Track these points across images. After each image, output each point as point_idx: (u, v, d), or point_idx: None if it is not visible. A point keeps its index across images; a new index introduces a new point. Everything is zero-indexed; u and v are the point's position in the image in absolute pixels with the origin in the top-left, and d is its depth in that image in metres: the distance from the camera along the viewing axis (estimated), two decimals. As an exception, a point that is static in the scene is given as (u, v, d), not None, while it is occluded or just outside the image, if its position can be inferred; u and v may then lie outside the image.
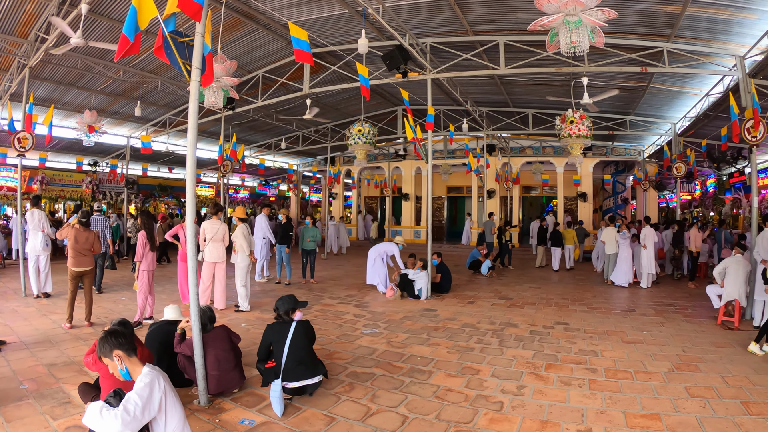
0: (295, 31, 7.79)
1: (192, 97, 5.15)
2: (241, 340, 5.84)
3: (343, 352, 6.89)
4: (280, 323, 5.38)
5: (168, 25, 4.94)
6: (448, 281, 11.92)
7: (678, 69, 10.73)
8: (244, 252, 9.71)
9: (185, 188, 5.36)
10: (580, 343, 7.57)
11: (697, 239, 13.22)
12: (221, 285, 9.58)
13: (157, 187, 27.80)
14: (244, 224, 9.94)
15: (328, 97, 17.86)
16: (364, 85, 9.57)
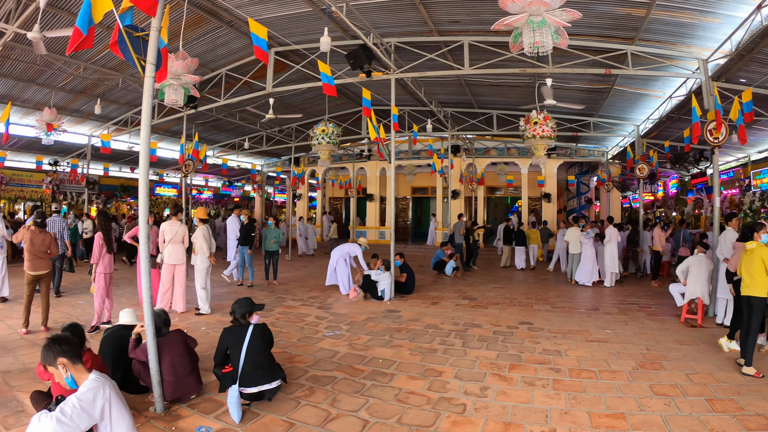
0: (255, 28, 7.55)
1: (146, 94, 4.95)
2: (200, 344, 5.61)
3: (304, 356, 6.66)
4: (237, 327, 5.16)
5: (124, 19, 4.73)
6: (412, 282, 11.78)
7: (641, 71, 10.81)
8: (204, 254, 9.40)
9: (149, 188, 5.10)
10: (544, 342, 7.48)
11: (660, 238, 13.35)
12: (181, 288, 9.30)
13: (120, 188, 27.08)
14: (204, 225, 9.63)
15: (292, 97, 17.59)
16: (327, 83, 9.36)
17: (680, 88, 13.27)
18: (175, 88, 8.90)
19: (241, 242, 12.29)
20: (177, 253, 9.17)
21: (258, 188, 29.67)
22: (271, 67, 12.55)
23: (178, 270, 9.24)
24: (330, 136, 12.98)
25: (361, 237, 12.26)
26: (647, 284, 13.61)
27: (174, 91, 8.96)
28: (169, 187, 30.62)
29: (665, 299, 10.91)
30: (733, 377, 5.96)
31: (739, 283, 6.68)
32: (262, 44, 7.52)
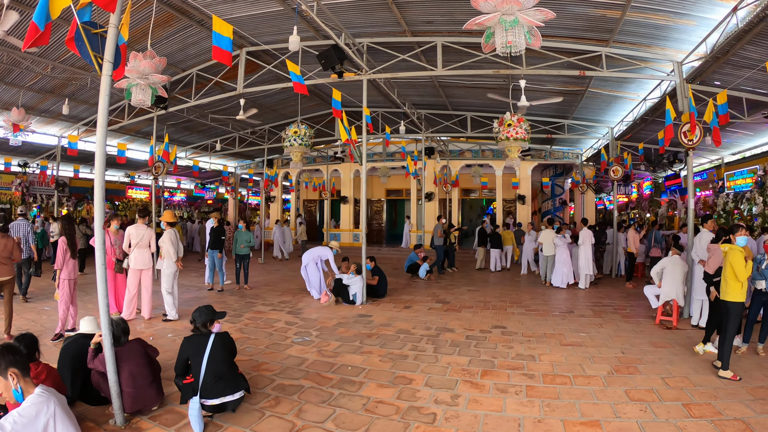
0: (219, 26, 7.17)
1: (102, 93, 4.74)
2: (166, 352, 5.38)
3: (271, 363, 6.40)
4: (198, 336, 4.92)
5: (83, 15, 4.62)
6: (384, 285, 11.56)
7: (616, 73, 10.78)
8: (171, 258, 9.09)
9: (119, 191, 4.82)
10: (518, 347, 7.32)
11: (634, 240, 13.33)
12: (148, 293, 8.99)
13: (91, 190, 26.40)
14: (171, 229, 9.32)
15: (265, 98, 17.28)
16: (298, 82, 9.13)
17: (654, 90, 13.27)
18: (143, 88, 8.60)
19: (211, 246, 12.00)
20: (143, 257, 8.90)
21: (231, 190, 29.24)
22: (242, 67, 12.31)
23: (144, 275, 8.95)
24: (302, 138, 12.76)
25: (333, 240, 12.00)
26: (622, 286, 13.57)
27: (141, 91, 8.65)
28: (141, 190, 30.02)
29: (640, 301, 10.89)
30: (710, 380, 5.87)
31: (719, 284, 6.62)
32: (224, 43, 7.17)
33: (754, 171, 14.96)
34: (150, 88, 8.73)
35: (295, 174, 26.69)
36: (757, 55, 9.63)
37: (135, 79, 7.98)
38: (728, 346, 6.06)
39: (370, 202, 27.00)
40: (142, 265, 8.86)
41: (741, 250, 6.27)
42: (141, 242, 8.84)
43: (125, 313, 8.71)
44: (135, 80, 8.00)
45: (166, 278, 9.04)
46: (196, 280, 13.72)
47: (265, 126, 20.96)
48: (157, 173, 15.35)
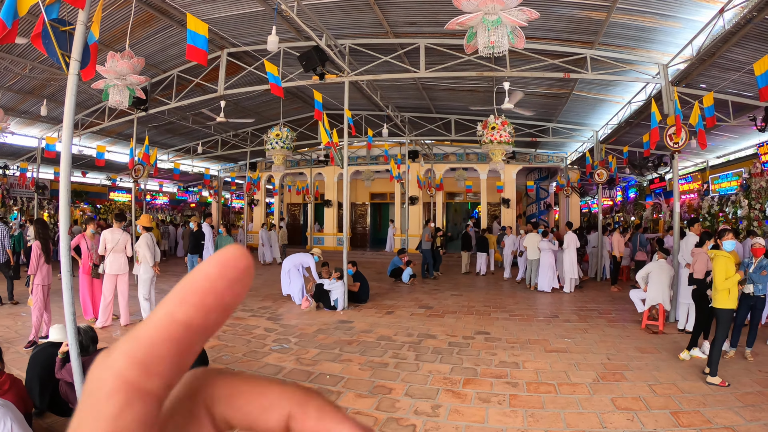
0: (194, 24, 6.96)
1: (68, 93, 4.58)
2: None
3: (247, 372, 6.13)
4: None
5: (51, 12, 4.47)
6: (366, 291, 11.32)
7: (601, 75, 10.66)
8: (148, 263, 8.82)
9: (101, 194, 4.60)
10: (501, 354, 7.14)
11: (619, 244, 13.26)
12: (124, 299, 8.71)
13: (73, 193, 25.98)
14: (147, 233, 9.05)
15: (247, 100, 17.02)
16: (275, 84, 8.94)
17: (639, 93, 13.21)
18: (120, 89, 8.42)
19: (191, 250, 11.72)
20: (119, 262, 8.62)
21: (215, 194, 28.88)
22: (223, 68, 12.10)
23: (120, 280, 8.67)
24: (284, 141, 12.61)
25: (316, 247, 11.75)
26: (607, 289, 13.48)
27: (119, 92, 8.47)
28: (123, 193, 29.51)
29: (625, 305, 10.80)
30: (698, 387, 5.76)
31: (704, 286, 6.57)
32: (199, 42, 6.95)
33: (739, 174, 14.95)
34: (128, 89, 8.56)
35: (278, 177, 26.39)
36: (744, 57, 9.57)
37: (112, 80, 7.81)
38: (717, 353, 5.94)
39: (353, 205, 26.75)
40: (118, 270, 8.58)
41: (728, 255, 6.15)
42: (117, 247, 8.57)
43: (101, 319, 8.44)
44: (112, 81, 7.83)
45: (142, 284, 8.80)
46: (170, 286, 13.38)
47: (247, 129, 20.69)
48: (137, 176, 15.06)
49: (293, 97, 17.08)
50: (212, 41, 11.93)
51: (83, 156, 21.44)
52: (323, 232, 25.26)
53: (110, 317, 8.62)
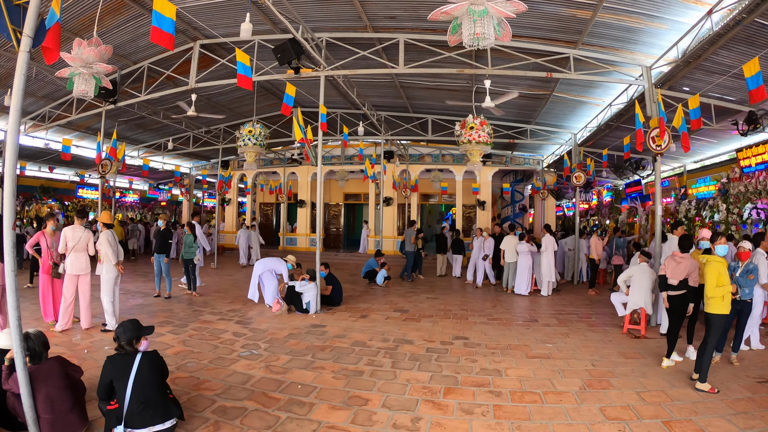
0: (160, 5, 6.45)
1: (18, 72, 4.15)
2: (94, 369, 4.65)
3: (213, 381, 5.72)
4: (122, 356, 4.26)
5: None
6: (339, 293, 10.94)
7: (584, 76, 10.48)
8: (110, 262, 8.25)
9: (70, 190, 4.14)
10: (482, 360, 6.81)
11: (597, 247, 13.09)
12: (86, 301, 8.14)
13: (40, 189, 25.17)
14: (109, 230, 8.47)
15: (219, 95, 16.56)
16: (243, 75, 8.52)
17: (621, 95, 13.08)
18: (86, 77, 7.89)
19: (157, 249, 11.20)
20: (80, 261, 8.05)
21: (186, 192, 28.22)
22: (195, 60, 11.66)
23: (81, 281, 8.10)
24: (257, 138, 12.19)
25: (290, 255, 11.25)
26: (584, 292, 13.31)
27: (84, 81, 7.93)
28: (93, 189, 28.64)
29: (604, 308, 10.69)
30: (687, 394, 5.56)
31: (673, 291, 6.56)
32: (165, 24, 6.45)
33: (717, 178, 14.90)
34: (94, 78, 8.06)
35: (251, 176, 25.87)
36: (729, 60, 9.45)
37: (78, 68, 7.31)
38: (708, 359, 5.75)
39: (327, 206, 26.40)
40: (79, 270, 8.02)
41: (721, 260, 5.93)
42: (78, 245, 8.01)
43: (61, 322, 7.89)
44: (78, 69, 7.33)
45: (105, 284, 8.18)
46: (144, 285, 12.87)
47: (220, 125, 20.15)
48: (104, 172, 14.45)
49: (267, 93, 16.63)
50: (185, 32, 11.50)
51: (50, 150, 20.72)
52: (296, 233, 24.79)
53: (71, 320, 8.06)
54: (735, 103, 11.28)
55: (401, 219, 23.87)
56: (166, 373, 4.46)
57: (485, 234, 14.56)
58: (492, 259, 14.42)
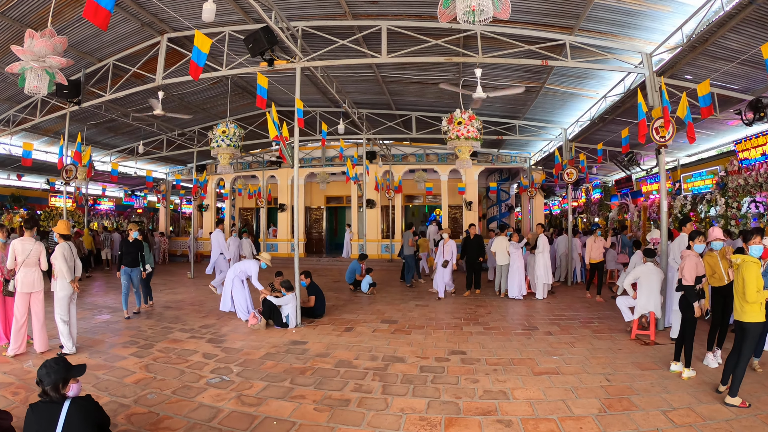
0: None
1: None
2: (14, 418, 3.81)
3: (175, 418, 4.85)
4: (46, 404, 3.31)
5: None
6: (322, 304, 10.10)
7: (581, 64, 9.85)
8: (65, 278, 7.30)
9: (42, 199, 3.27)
10: (484, 380, 6.02)
11: (593, 248, 12.05)
12: (39, 321, 7.18)
13: (10, 198, 23.99)
14: (67, 243, 7.51)
15: (192, 95, 15.64)
16: (195, 63, 7.71)
17: (617, 86, 12.37)
18: (38, 72, 7.06)
19: (129, 263, 10.20)
20: (32, 278, 7.12)
21: (163, 198, 27.17)
22: (162, 55, 10.80)
23: (34, 299, 7.16)
24: (231, 138, 11.39)
25: (264, 252, 10.41)
26: (579, 294, 12.76)
27: (36, 76, 7.12)
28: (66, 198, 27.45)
29: (605, 311, 10.22)
30: (717, 411, 4.96)
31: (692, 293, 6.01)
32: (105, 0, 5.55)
33: (714, 172, 14.30)
34: (47, 73, 7.23)
35: (229, 180, 24.96)
36: (737, 45, 8.79)
37: (29, 62, 6.54)
38: (741, 371, 5.11)
39: (308, 209, 25.60)
40: (30, 287, 7.08)
41: (757, 261, 5.21)
42: (28, 259, 7.09)
43: (13, 346, 6.96)
44: (29, 63, 6.56)
45: (59, 303, 7.22)
46: (115, 299, 11.81)
47: (194, 127, 19.20)
48: (68, 178, 13.54)
49: (242, 92, 15.76)
50: (151, 25, 10.68)
51: (16, 157, 19.59)
52: (277, 238, 23.86)
53: (24, 343, 7.12)
54: (738, 92, 10.63)
55: (385, 222, 23.15)
56: (106, 423, 3.59)
57: (445, 236, 13.11)
58: (465, 262, 13.36)
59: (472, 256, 13.04)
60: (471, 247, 13.10)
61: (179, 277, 17.11)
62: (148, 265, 10.69)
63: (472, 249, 13.07)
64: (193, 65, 7.72)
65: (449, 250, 12.67)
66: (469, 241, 13.20)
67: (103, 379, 5.95)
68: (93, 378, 5.97)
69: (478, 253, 13.03)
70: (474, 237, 13.21)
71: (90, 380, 5.86)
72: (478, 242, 13.12)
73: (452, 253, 12.69)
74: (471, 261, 13.11)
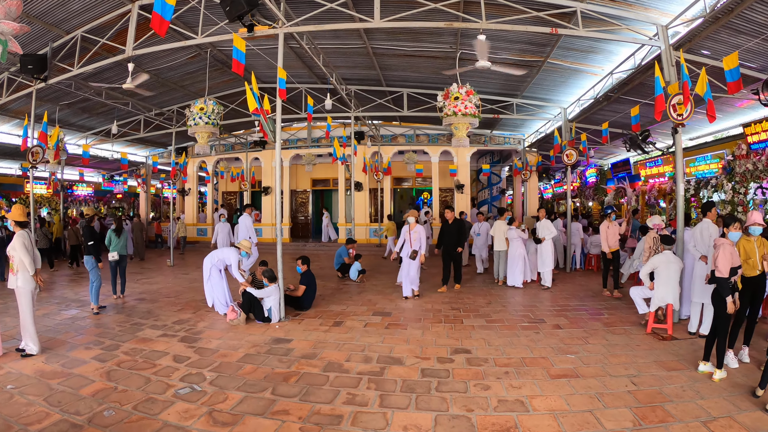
0: None
1: None
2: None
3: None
4: None
5: None
6: (311, 297, 9.24)
7: (593, 33, 9.02)
8: (27, 271, 6.38)
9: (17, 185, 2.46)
10: (496, 386, 5.24)
11: (611, 236, 10.33)
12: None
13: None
14: (24, 231, 6.56)
15: (169, 71, 14.64)
16: (158, 14, 6.85)
17: (625, 62, 11.54)
18: (-10, 40, 6.24)
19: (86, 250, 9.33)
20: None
21: (143, 183, 26.12)
22: (133, 24, 9.82)
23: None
24: (210, 116, 10.55)
25: (244, 240, 9.50)
26: (579, 281, 12.23)
27: (-13, 44, 6.30)
28: (41, 184, 26.24)
29: (612, 301, 9.71)
30: (760, 419, 4.39)
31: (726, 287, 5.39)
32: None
33: (720, 156, 13.58)
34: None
35: (211, 163, 24.00)
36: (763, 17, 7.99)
37: None
38: None
39: (294, 193, 24.71)
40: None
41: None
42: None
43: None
44: None
45: (22, 298, 6.32)
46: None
47: (172, 106, 18.18)
48: (35, 160, 12.55)
49: (223, 67, 14.78)
50: (122, -8, 9.72)
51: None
52: (261, 223, 22.91)
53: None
54: (755, 71, 9.85)
55: (373, 205, 22.42)
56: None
57: (411, 219, 10.39)
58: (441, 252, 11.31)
59: (449, 245, 11.09)
60: (447, 235, 11.13)
61: (158, 265, 16.19)
62: (115, 252, 9.86)
63: (449, 237, 11.09)
64: (157, 18, 6.86)
65: (417, 237, 10.20)
66: (446, 228, 11.26)
67: (57, 391, 5.08)
68: (46, 389, 5.12)
69: (456, 241, 11.04)
70: (453, 222, 11.23)
71: (42, 392, 5.03)
72: (457, 228, 11.15)
73: (420, 241, 10.20)
74: (447, 251, 11.17)
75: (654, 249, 8.84)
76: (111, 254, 9.88)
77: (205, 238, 23.21)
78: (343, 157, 16.73)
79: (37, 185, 25.63)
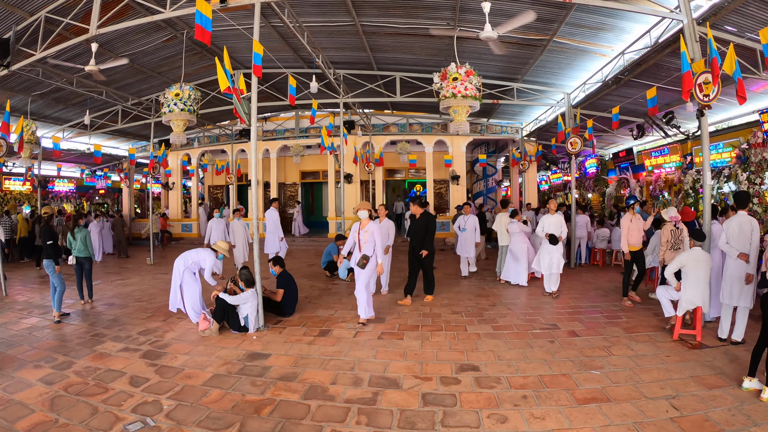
0: None
1: None
2: None
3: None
4: None
5: None
6: (293, 301, 8.25)
7: (610, 3, 7.99)
8: None
9: None
10: (514, 417, 4.32)
11: (632, 232, 8.89)
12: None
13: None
14: None
15: (144, 56, 13.58)
16: None
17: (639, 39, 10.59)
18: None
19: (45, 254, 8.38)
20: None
21: (125, 177, 25.09)
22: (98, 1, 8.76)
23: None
24: (186, 102, 9.64)
25: (221, 241, 8.51)
26: (585, 277, 11.59)
27: None
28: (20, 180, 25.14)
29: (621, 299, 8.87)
30: None
31: None
32: None
33: (734, 144, 12.73)
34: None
35: (195, 156, 23.00)
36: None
37: None
38: None
39: (282, 185, 23.77)
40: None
41: None
42: None
43: None
44: None
45: None
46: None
47: (150, 95, 17.15)
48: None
49: (203, 51, 13.76)
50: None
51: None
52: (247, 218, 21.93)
53: None
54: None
55: (364, 198, 21.57)
56: None
57: (363, 216, 7.95)
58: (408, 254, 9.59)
59: (414, 245, 9.24)
60: (414, 232, 9.29)
61: (137, 264, 15.20)
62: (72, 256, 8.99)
63: (415, 235, 9.25)
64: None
65: (369, 238, 7.72)
66: (414, 224, 9.43)
67: (-14, 425, 4.17)
68: (-28, 423, 4.19)
69: (422, 240, 9.11)
70: (420, 217, 9.29)
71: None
72: (425, 225, 9.18)
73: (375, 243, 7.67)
74: (412, 253, 9.35)
75: (672, 243, 8.02)
76: (70, 258, 8.99)
77: (190, 234, 22.29)
78: (331, 146, 15.77)
79: (15, 181, 24.62)
